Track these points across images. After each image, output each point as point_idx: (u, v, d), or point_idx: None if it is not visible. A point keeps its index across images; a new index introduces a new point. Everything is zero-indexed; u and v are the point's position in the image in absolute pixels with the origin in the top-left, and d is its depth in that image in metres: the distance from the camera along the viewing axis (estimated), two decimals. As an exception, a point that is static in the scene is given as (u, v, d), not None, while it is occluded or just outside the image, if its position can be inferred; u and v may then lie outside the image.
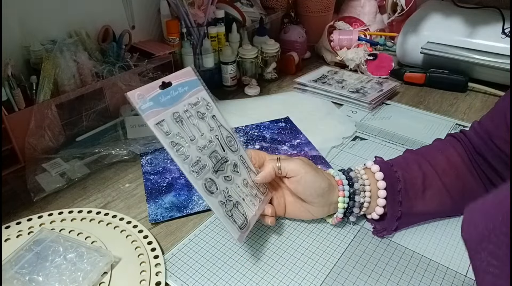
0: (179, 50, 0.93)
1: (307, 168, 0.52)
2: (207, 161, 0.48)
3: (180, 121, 0.48)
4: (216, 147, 0.50)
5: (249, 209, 0.51)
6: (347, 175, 0.55)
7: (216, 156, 0.50)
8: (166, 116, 0.46)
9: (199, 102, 0.51)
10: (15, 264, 0.47)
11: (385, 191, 0.53)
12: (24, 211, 0.61)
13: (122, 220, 0.58)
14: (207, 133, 0.50)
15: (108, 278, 0.48)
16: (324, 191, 0.52)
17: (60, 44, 0.74)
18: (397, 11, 1.13)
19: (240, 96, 0.95)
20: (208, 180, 0.47)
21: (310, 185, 0.52)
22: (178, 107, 0.48)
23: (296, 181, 0.52)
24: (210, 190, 0.47)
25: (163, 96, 0.47)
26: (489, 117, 0.56)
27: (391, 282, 0.49)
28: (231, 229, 0.47)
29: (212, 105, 0.52)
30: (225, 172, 0.50)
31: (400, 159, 0.58)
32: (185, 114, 0.49)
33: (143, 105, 0.45)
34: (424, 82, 0.98)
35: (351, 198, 0.54)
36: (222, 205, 0.48)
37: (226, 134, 0.52)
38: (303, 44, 1.11)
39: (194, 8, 0.91)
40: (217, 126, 0.52)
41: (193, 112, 0.50)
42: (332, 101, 0.91)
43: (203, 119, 0.50)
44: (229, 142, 0.52)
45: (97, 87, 0.77)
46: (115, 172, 0.70)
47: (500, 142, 0.53)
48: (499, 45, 0.91)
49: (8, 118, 0.66)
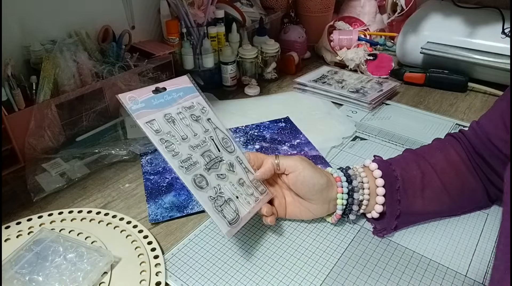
0: (179, 50, 0.93)
1: (304, 164, 0.53)
2: (199, 158, 0.49)
3: (172, 121, 0.48)
4: (210, 147, 0.51)
5: (242, 206, 0.51)
6: (345, 173, 0.55)
7: (210, 155, 0.50)
8: (157, 117, 0.47)
9: (194, 106, 0.51)
10: (15, 264, 0.47)
11: (383, 189, 0.53)
12: (24, 211, 0.61)
13: (122, 220, 0.58)
14: (201, 134, 0.50)
15: (108, 278, 0.48)
16: (322, 187, 0.52)
17: (60, 44, 0.74)
18: (397, 11, 1.13)
19: (240, 96, 0.95)
20: (199, 176, 0.48)
21: (308, 180, 0.52)
22: (171, 109, 0.49)
23: (295, 176, 0.53)
24: (199, 185, 0.47)
25: (156, 99, 0.47)
26: (488, 117, 0.57)
27: (391, 282, 0.49)
28: (220, 224, 0.47)
29: (207, 109, 0.53)
30: (218, 170, 0.50)
31: (399, 158, 0.59)
32: (178, 115, 0.49)
33: (133, 106, 0.46)
34: (424, 82, 0.98)
35: (349, 195, 0.54)
36: (212, 200, 0.48)
37: (222, 136, 0.53)
38: (303, 44, 1.11)
39: (194, 8, 0.91)
40: (212, 128, 0.52)
41: (187, 115, 0.50)
42: (332, 101, 0.91)
43: (197, 121, 0.51)
44: (225, 143, 0.53)
45: (97, 87, 0.77)
46: (115, 172, 0.70)
47: (499, 142, 0.53)
48: (499, 45, 0.91)
49: (8, 118, 0.66)
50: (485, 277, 0.50)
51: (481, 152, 0.55)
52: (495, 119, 0.54)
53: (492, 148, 0.54)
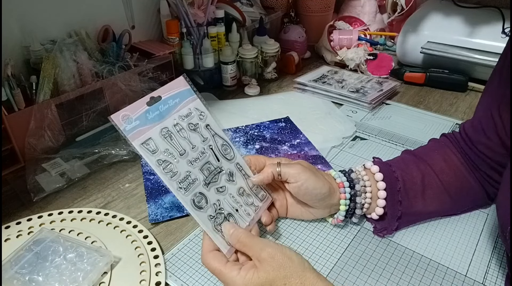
0: (179, 50, 0.93)
1: (307, 174, 0.51)
2: (198, 174, 0.48)
3: (169, 136, 0.47)
4: (209, 158, 0.49)
5: (242, 220, 0.50)
6: (348, 177, 0.54)
7: (209, 167, 0.49)
8: (153, 134, 0.45)
9: (191, 113, 0.50)
10: (15, 264, 0.47)
11: (385, 192, 0.53)
12: (24, 211, 0.61)
13: (122, 220, 0.58)
14: (199, 144, 0.49)
15: (108, 278, 0.48)
16: (324, 196, 0.52)
17: (60, 44, 0.74)
18: (397, 10, 1.13)
19: (240, 96, 0.95)
20: (198, 194, 0.47)
21: (311, 191, 0.52)
22: (167, 122, 0.47)
23: (297, 187, 0.52)
24: (198, 205, 0.46)
25: (151, 113, 0.46)
26: (470, 122, 0.58)
27: (391, 282, 0.49)
28: (219, 244, 0.46)
29: (206, 114, 0.51)
30: (218, 183, 0.49)
31: (398, 160, 0.59)
32: (175, 128, 0.48)
33: (127, 126, 0.44)
34: (424, 81, 0.98)
35: (352, 200, 0.53)
36: (211, 219, 0.47)
37: (221, 143, 0.51)
38: (303, 44, 1.11)
39: (194, 8, 0.91)
40: (211, 136, 0.51)
41: (184, 125, 0.49)
42: (332, 101, 0.91)
43: (195, 131, 0.49)
44: (224, 151, 0.51)
45: (97, 87, 0.77)
46: (115, 172, 0.70)
47: (481, 147, 0.54)
48: (499, 44, 0.91)
49: (8, 118, 0.66)
50: (485, 277, 0.50)
51: (469, 156, 0.56)
52: (475, 124, 0.55)
53: (477, 152, 0.55)
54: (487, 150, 0.53)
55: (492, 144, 0.52)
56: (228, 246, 0.46)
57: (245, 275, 0.41)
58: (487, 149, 0.53)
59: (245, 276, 0.41)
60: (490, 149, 0.53)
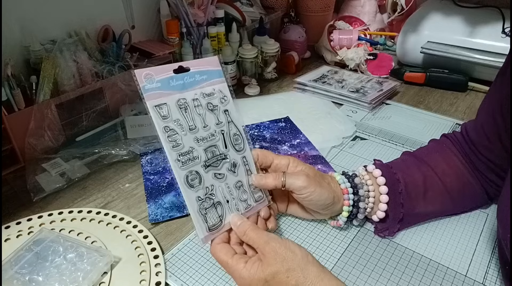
0: (179, 50, 0.93)
1: (312, 186, 0.50)
2: (201, 153, 0.46)
3: (184, 108, 0.45)
4: (217, 142, 0.48)
5: (229, 212, 0.48)
6: (352, 182, 0.54)
7: (214, 151, 0.48)
8: (169, 100, 0.44)
9: (214, 94, 0.48)
10: (15, 264, 0.47)
11: (387, 196, 0.53)
12: (24, 211, 0.61)
13: (122, 220, 0.58)
14: (212, 126, 0.48)
15: (108, 278, 0.48)
16: (329, 205, 0.52)
17: (60, 44, 0.74)
18: (397, 10, 1.13)
19: (240, 96, 0.95)
20: (194, 172, 0.46)
21: (316, 202, 0.51)
22: (187, 94, 0.46)
23: (302, 198, 0.52)
24: (191, 183, 0.45)
25: (175, 80, 0.44)
26: (471, 124, 0.58)
27: (391, 282, 0.49)
28: (198, 228, 0.45)
29: (228, 99, 0.49)
30: (218, 169, 0.48)
31: (399, 161, 0.59)
32: (193, 102, 0.46)
33: (147, 85, 0.42)
34: (424, 81, 0.97)
35: (355, 206, 0.53)
36: (199, 201, 0.46)
37: (234, 132, 0.50)
38: (303, 44, 1.10)
39: (194, 8, 0.91)
40: (227, 122, 0.49)
41: (203, 103, 0.47)
42: (332, 100, 0.91)
43: (213, 112, 0.48)
44: (235, 140, 0.50)
45: (97, 87, 0.77)
46: (115, 172, 0.70)
47: (483, 149, 0.54)
48: (499, 44, 0.91)
49: (8, 118, 0.66)
50: (485, 277, 0.50)
51: (470, 158, 0.56)
52: (478, 126, 0.55)
53: (478, 154, 0.55)
54: (489, 153, 0.53)
55: (494, 147, 0.52)
56: (206, 233, 0.46)
57: (250, 268, 0.42)
58: (489, 151, 0.53)
59: (250, 269, 0.42)
60: (492, 151, 0.53)
